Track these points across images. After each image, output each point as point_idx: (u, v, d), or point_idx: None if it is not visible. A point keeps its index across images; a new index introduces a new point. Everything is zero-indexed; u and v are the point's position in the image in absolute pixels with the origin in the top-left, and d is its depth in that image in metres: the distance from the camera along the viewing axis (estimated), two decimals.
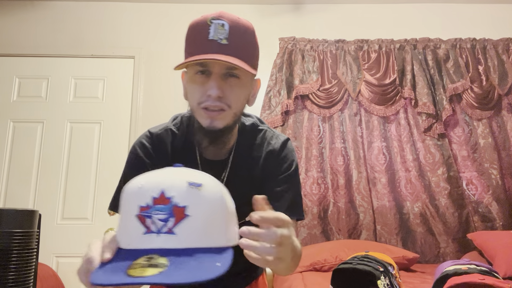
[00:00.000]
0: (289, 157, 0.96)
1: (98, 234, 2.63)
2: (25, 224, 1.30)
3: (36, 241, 1.34)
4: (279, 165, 0.95)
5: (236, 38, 0.81)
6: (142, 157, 0.92)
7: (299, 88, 2.81)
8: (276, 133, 1.01)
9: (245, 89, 0.86)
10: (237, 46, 0.80)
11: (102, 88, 2.89)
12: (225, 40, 0.79)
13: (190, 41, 0.85)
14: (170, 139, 0.96)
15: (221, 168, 0.93)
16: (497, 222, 2.62)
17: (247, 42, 0.84)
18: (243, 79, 0.84)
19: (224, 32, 0.80)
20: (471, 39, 2.92)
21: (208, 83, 0.81)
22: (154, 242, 0.51)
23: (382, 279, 1.29)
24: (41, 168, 2.74)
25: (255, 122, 1.01)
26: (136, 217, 0.53)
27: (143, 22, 3.03)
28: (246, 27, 0.84)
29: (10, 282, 1.20)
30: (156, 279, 0.46)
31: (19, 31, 2.97)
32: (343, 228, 2.62)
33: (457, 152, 2.78)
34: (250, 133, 0.98)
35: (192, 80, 0.84)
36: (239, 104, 0.86)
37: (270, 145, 0.97)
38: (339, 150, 2.75)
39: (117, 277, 0.48)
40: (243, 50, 0.82)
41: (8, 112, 2.81)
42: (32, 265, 1.30)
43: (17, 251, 1.24)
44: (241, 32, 0.82)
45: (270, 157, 0.95)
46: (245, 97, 0.88)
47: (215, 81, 0.80)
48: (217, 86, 0.80)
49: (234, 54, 0.79)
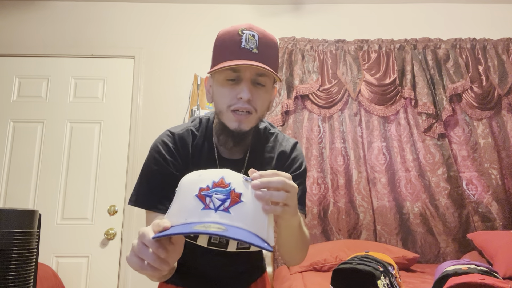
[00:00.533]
0: (299, 157, 1.06)
1: (98, 234, 2.63)
2: (25, 224, 1.29)
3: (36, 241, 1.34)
4: (290, 165, 1.04)
5: (265, 48, 0.89)
6: (165, 154, 0.97)
7: (299, 88, 2.81)
8: (286, 136, 1.11)
9: (268, 95, 0.95)
10: (266, 56, 0.89)
11: (102, 88, 2.89)
12: (255, 49, 0.87)
13: (222, 48, 0.90)
14: (191, 139, 1.02)
15: (238, 166, 1.01)
16: (497, 222, 2.62)
17: (273, 53, 0.92)
18: (268, 86, 0.93)
19: (254, 42, 0.88)
20: (471, 39, 2.92)
21: (239, 87, 0.89)
22: (211, 216, 0.58)
23: (382, 279, 1.29)
24: (41, 168, 2.74)
25: (267, 126, 1.10)
26: (196, 196, 0.60)
27: (143, 22, 3.03)
28: (272, 40, 0.93)
29: (10, 282, 1.20)
30: (218, 233, 0.53)
31: (19, 31, 2.97)
32: (343, 228, 2.62)
33: (457, 152, 2.78)
34: (263, 136, 1.07)
35: (222, 85, 0.91)
36: (263, 109, 0.95)
37: (282, 146, 1.06)
38: (339, 150, 2.75)
39: (182, 229, 0.55)
40: (270, 59, 0.90)
41: (8, 112, 2.81)
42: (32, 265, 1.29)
43: (17, 251, 1.24)
44: (269, 43, 0.91)
45: (282, 157, 1.04)
46: (268, 103, 0.97)
47: (246, 85, 0.88)
48: (248, 89, 0.88)
49: (263, 61, 0.87)
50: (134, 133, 2.78)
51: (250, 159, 1.02)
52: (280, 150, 1.05)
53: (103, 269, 2.59)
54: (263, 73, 0.89)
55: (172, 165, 0.96)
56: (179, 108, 2.83)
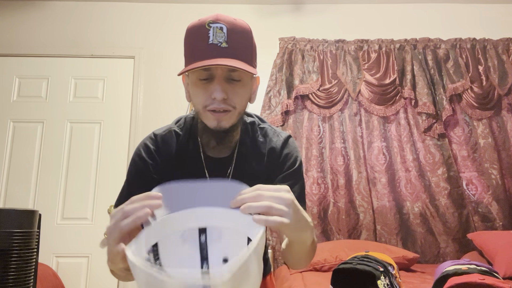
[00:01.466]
0: (292, 154, 0.99)
1: (98, 234, 2.63)
2: (25, 224, 1.29)
3: (36, 241, 1.34)
4: (282, 162, 0.98)
5: (235, 40, 0.83)
6: (144, 157, 0.95)
7: (299, 88, 2.81)
8: (277, 131, 1.04)
9: (246, 89, 0.89)
10: (236, 48, 0.83)
11: (102, 88, 2.89)
12: (224, 43, 0.81)
13: (189, 45, 0.87)
14: (174, 140, 0.98)
15: (226, 165, 0.97)
16: (497, 222, 2.62)
17: (246, 43, 0.86)
18: (244, 80, 0.87)
19: (223, 35, 0.82)
20: (471, 39, 2.92)
21: (212, 86, 0.84)
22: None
23: (382, 279, 1.29)
24: (41, 168, 2.74)
25: (256, 121, 1.04)
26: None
27: (143, 22, 3.03)
28: (243, 28, 0.86)
29: (10, 282, 1.20)
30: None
31: (19, 31, 2.97)
32: (343, 228, 2.62)
33: (457, 152, 2.78)
34: (252, 131, 1.01)
35: (195, 85, 0.87)
36: (243, 104, 0.90)
37: (272, 142, 1.00)
38: (339, 150, 2.75)
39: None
40: (242, 51, 0.84)
41: (8, 112, 2.82)
42: (32, 265, 1.29)
43: (17, 251, 1.24)
44: (239, 33, 0.84)
45: (273, 155, 0.98)
46: (247, 96, 0.91)
47: (219, 84, 0.83)
48: (221, 89, 0.83)
49: (234, 56, 0.81)
50: (134, 133, 2.78)
51: (239, 157, 0.97)
52: (271, 146, 0.99)
53: (103, 269, 2.59)
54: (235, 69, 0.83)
55: (152, 168, 0.94)
56: (179, 108, 2.83)
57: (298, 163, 0.99)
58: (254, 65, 0.90)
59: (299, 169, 0.99)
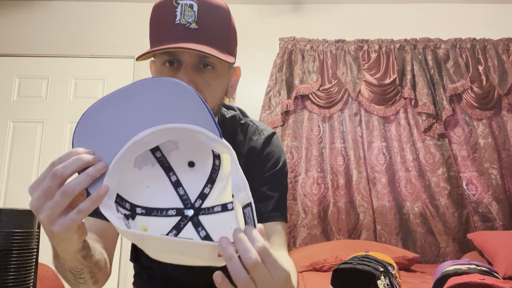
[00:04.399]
0: (274, 153, 0.87)
1: None
2: (25, 224, 1.29)
3: (36, 241, 1.34)
4: (263, 163, 0.86)
5: (208, 20, 0.70)
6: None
7: (299, 88, 2.81)
8: (260, 127, 0.91)
9: (221, 80, 0.75)
10: (209, 31, 0.70)
11: (102, 88, 2.89)
12: (194, 24, 0.69)
13: (154, 25, 0.74)
14: None
15: None
16: (497, 222, 2.62)
17: (221, 24, 0.73)
18: (219, 69, 0.73)
19: (192, 15, 0.69)
20: (471, 39, 2.92)
21: (178, 75, 0.70)
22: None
23: (382, 279, 1.29)
24: (41, 168, 2.73)
25: (237, 115, 0.90)
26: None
27: (143, 22, 3.02)
28: (218, 7, 0.73)
29: (10, 282, 1.20)
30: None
31: (19, 31, 2.97)
32: (343, 228, 2.62)
33: (457, 152, 2.78)
34: (231, 127, 0.88)
35: (160, 72, 0.74)
36: (216, 97, 0.76)
37: (252, 141, 0.87)
38: (339, 150, 2.75)
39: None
40: (216, 34, 0.71)
41: (8, 112, 2.82)
42: (32, 265, 1.29)
43: (17, 251, 1.24)
44: (213, 13, 0.71)
45: (253, 154, 0.86)
46: (222, 88, 0.77)
47: (186, 73, 0.70)
48: (188, 79, 0.69)
49: (205, 40, 0.69)
50: None
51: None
52: (250, 145, 0.86)
53: None
54: (206, 55, 0.69)
55: None
56: None
57: (280, 163, 0.87)
58: (233, 53, 0.76)
59: (281, 171, 0.86)
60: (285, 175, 0.88)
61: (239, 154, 0.83)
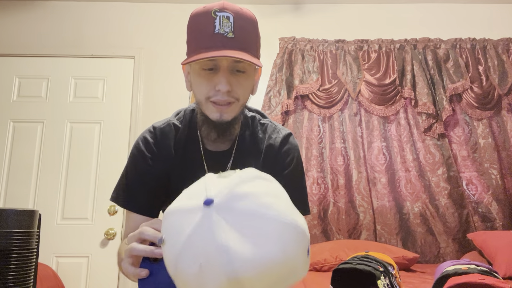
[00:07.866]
0: (291, 152, 0.96)
1: (98, 234, 2.63)
2: (25, 224, 1.29)
3: (36, 241, 1.34)
4: (280, 160, 0.94)
5: (241, 30, 0.80)
6: (143, 151, 0.94)
7: (299, 88, 2.81)
8: (278, 127, 1.00)
9: (250, 81, 0.87)
10: (243, 39, 0.80)
11: (102, 88, 2.89)
12: (231, 33, 0.78)
13: (194, 34, 0.83)
14: (173, 133, 0.96)
15: (225, 158, 0.94)
16: (497, 222, 2.62)
17: (252, 33, 0.83)
18: (249, 71, 0.85)
19: (229, 25, 0.79)
20: (471, 39, 2.92)
21: (216, 77, 0.81)
22: None
23: (382, 279, 1.29)
24: (41, 168, 2.74)
25: (256, 116, 1.01)
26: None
27: (143, 22, 3.03)
28: (249, 18, 0.83)
29: (10, 282, 1.20)
30: None
31: (19, 31, 2.97)
32: (343, 228, 2.62)
33: (457, 152, 2.78)
34: (252, 126, 0.98)
35: (199, 75, 0.84)
36: (246, 96, 0.88)
37: (271, 139, 0.96)
38: (339, 150, 2.75)
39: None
40: (248, 42, 0.81)
41: (8, 112, 2.81)
42: (32, 265, 1.29)
43: (17, 251, 1.24)
44: (246, 23, 0.81)
45: (270, 152, 0.95)
46: (251, 87, 0.89)
47: (224, 76, 0.80)
48: (226, 81, 0.80)
49: (240, 47, 0.79)
50: (134, 133, 2.78)
51: (238, 151, 0.94)
52: (269, 143, 0.95)
53: (103, 269, 2.59)
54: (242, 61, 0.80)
55: (151, 161, 0.92)
56: (179, 108, 2.83)
57: (295, 161, 0.95)
58: (259, 56, 0.88)
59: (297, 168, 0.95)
60: (302, 173, 0.97)
61: (258, 150, 0.94)
